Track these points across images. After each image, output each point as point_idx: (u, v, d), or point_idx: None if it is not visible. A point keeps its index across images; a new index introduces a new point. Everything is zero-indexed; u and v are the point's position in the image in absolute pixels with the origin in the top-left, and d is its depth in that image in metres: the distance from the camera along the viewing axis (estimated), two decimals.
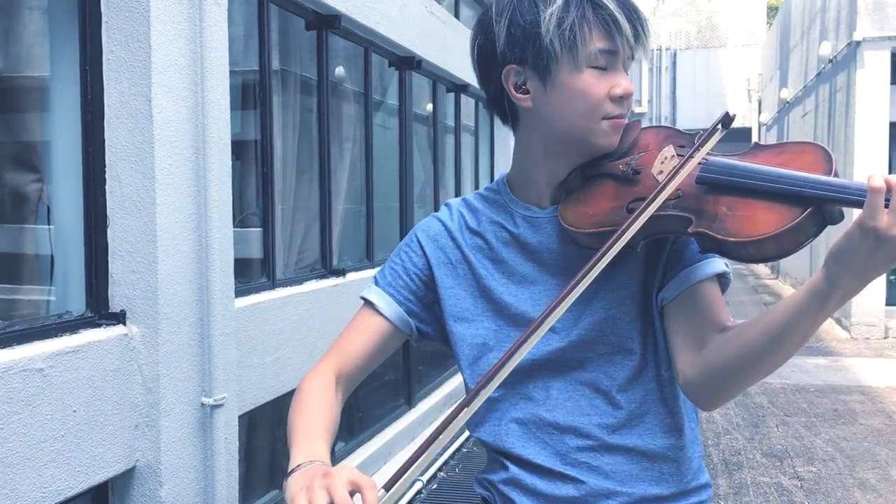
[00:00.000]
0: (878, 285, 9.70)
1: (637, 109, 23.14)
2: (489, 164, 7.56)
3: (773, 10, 26.56)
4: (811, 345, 9.56)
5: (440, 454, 5.13)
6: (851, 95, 10.11)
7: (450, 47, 5.70)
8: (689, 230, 1.15)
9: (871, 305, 9.85)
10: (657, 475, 1.26)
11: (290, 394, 3.78)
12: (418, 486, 4.70)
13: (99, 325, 2.46)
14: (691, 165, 1.17)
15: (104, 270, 2.51)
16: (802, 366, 8.36)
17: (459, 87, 6.28)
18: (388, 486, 1.02)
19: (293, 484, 1.03)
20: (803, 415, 6.49)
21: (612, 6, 1.20)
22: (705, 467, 1.35)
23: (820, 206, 1.07)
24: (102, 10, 2.47)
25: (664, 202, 1.16)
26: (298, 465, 1.06)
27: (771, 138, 19.70)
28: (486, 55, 1.28)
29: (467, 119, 6.81)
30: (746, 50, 22.91)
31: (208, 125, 2.69)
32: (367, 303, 1.34)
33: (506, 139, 7.60)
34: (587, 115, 1.23)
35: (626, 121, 1.28)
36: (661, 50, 23.65)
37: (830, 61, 11.56)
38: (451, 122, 6.39)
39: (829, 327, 10.73)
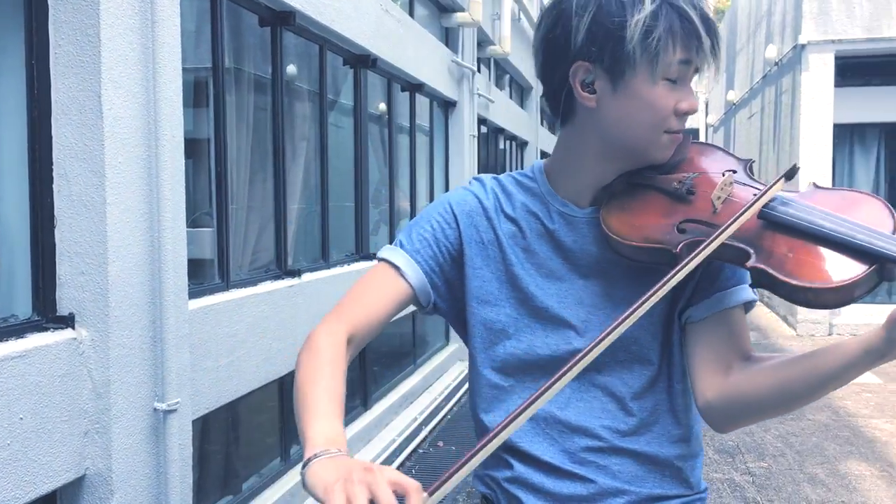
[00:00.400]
0: None
1: None
2: (444, 165, 7.55)
3: (719, 14, 26.98)
4: (759, 342, 9.75)
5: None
6: (797, 98, 10.33)
7: (405, 46, 5.66)
8: (748, 264, 1.13)
9: None
10: (661, 477, 1.27)
11: (246, 397, 3.66)
12: None
13: (46, 329, 2.37)
14: (757, 208, 1.15)
15: (51, 272, 2.42)
16: None
17: (415, 87, 6.25)
18: (431, 492, 0.96)
19: (323, 472, 0.96)
20: None
21: (697, 20, 1.18)
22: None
23: (884, 263, 1.07)
24: (49, 2, 2.38)
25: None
26: (323, 452, 0.99)
27: (718, 139, 20.03)
28: (557, 46, 1.24)
29: (422, 119, 6.78)
30: None
31: (161, 122, 2.61)
32: (390, 264, 1.27)
33: (460, 140, 7.59)
34: (651, 127, 1.22)
35: (681, 137, 1.27)
36: None
37: (776, 64, 11.81)
38: (406, 122, 6.35)
39: (776, 325, 10.96)
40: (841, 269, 1.08)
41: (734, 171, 1.25)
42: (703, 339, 1.24)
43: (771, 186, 1.18)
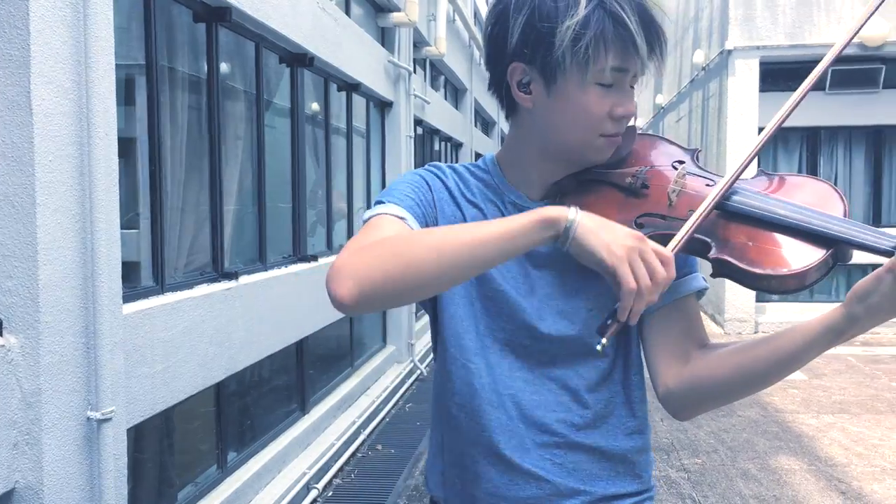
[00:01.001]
0: None
1: None
2: (380, 166, 7.50)
3: None
4: None
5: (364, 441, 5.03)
6: (723, 101, 10.60)
7: (342, 45, 5.60)
8: (710, 255, 1.15)
9: (743, 302, 10.37)
10: (615, 474, 1.29)
11: (182, 404, 3.53)
12: (314, 493, 4.59)
13: None
14: (721, 193, 1.17)
15: None
16: None
17: (351, 87, 6.18)
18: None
19: (599, 231, 1.06)
20: None
21: (633, 26, 1.16)
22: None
23: (840, 246, 1.09)
24: None
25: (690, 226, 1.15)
26: (574, 212, 1.07)
27: None
28: (496, 45, 1.24)
29: (359, 119, 6.71)
30: None
31: (94, 120, 2.50)
32: (395, 217, 1.21)
33: (397, 141, 7.55)
34: (585, 131, 1.22)
35: (620, 138, 1.26)
36: None
37: (703, 69, 12.10)
38: (342, 123, 6.28)
39: (704, 323, 11.21)
40: (800, 254, 1.11)
41: (683, 163, 1.26)
42: (660, 329, 1.26)
43: (739, 171, 1.18)
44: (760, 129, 10.48)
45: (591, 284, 1.24)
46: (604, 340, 1.08)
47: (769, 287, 1.13)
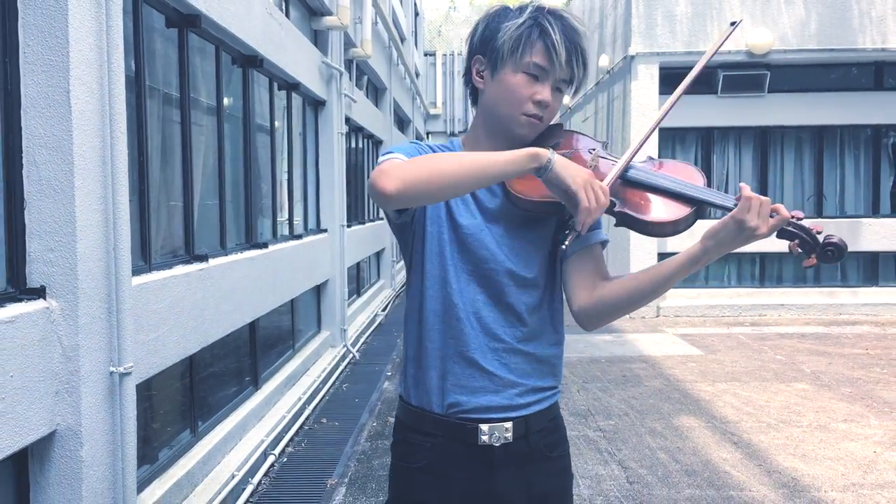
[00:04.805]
0: None
1: (433, 111, 24.10)
2: (315, 161, 7.91)
3: None
4: None
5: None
6: (627, 103, 11.43)
7: (285, 47, 6.02)
8: (616, 210, 1.68)
9: None
10: (542, 373, 1.80)
11: (172, 367, 3.95)
12: (271, 459, 5.02)
13: (20, 300, 2.63)
14: (626, 160, 1.70)
15: (22, 249, 2.68)
16: (593, 342, 9.41)
17: (292, 86, 6.60)
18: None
19: (569, 166, 1.55)
20: (598, 381, 7.43)
21: (556, 37, 1.68)
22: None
23: (702, 205, 1.65)
24: (19, 6, 2.65)
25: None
26: (552, 153, 1.53)
27: None
28: (470, 45, 1.78)
29: (296, 117, 7.12)
30: None
31: (114, 116, 2.92)
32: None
33: (330, 138, 7.98)
34: (512, 107, 1.73)
35: (543, 123, 1.77)
36: (453, 55, 24.78)
37: (608, 72, 12.92)
38: (283, 121, 6.68)
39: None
40: (674, 210, 1.66)
41: (595, 149, 1.79)
42: (577, 267, 1.78)
43: (640, 145, 1.72)
44: (660, 130, 11.32)
45: (532, 232, 1.75)
46: (567, 242, 1.60)
47: (653, 231, 1.67)
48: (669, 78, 11.23)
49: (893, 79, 11.47)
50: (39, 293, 2.69)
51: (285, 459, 5.23)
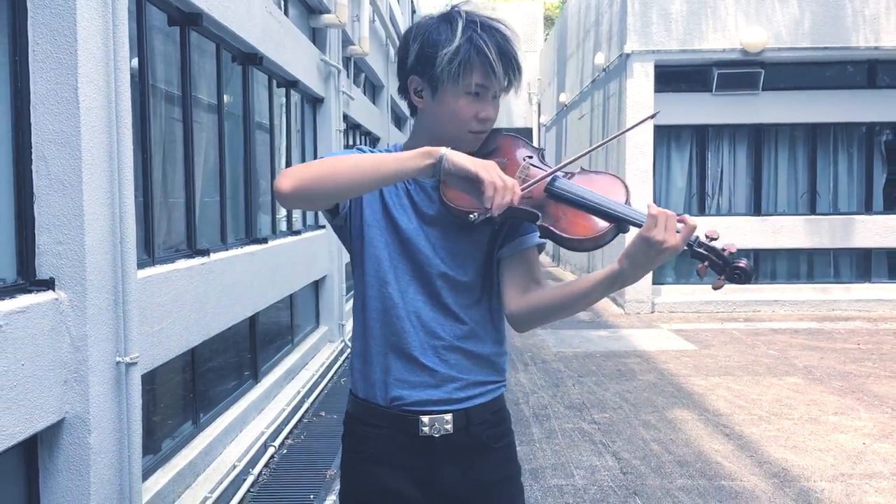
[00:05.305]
0: None
1: None
2: (313, 157, 7.98)
3: (549, 21, 28.66)
4: (594, 320, 10.82)
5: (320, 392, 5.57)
6: (622, 101, 11.52)
7: (285, 45, 6.09)
8: (538, 223, 1.72)
9: (640, 285, 11.30)
10: (481, 369, 1.86)
11: (175, 360, 4.05)
12: (271, 450, 5.11)
13: (30, 291, 2.71)
14: (549, 174, 1.73)
15: (32, 242, 2.76)
16: (588, 337, 9.51)
17: (290, 84, 6.68)
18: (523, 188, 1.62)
19: (465, 156, 1.58)
20: (593, 375, 7.52)
21: (492, 56, 1.71)
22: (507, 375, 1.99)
23: (619, 222, 1.69)
24: (28, 6, 2.72)
25: (525, 200, 1.70)
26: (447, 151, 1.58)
27: (550, 138, 21.42)
28: (402, 61, 1.81)
29: (295, 114, 7.20)
30: (526, 56, 24.59)
31: (120, 113, 2.99)
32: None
33: (328, 135, 8.06)
34: (457, 127, 1.77)
35: (486, 134, 1.82)
36: None
37: (604, 70, 13.01)
38: (282, 118, 6.76)
39: (607, 305, 12.13)
40: (594, 226, 1.69)
41: (531, 157, 1.82)
42: (510, 270, 1.84)
43: (573, 160, 1.78)
44: (656, 128, 11.42)
45: (468, 238, 1.81)
46: (475, 215, 1.63)
47: (571, 246, 1.70)
48: (664, 76, 11.33)
49: (887, 77, 11.58)
50: (49, 285, 2.77)
51: (285, 451, 5.31)
